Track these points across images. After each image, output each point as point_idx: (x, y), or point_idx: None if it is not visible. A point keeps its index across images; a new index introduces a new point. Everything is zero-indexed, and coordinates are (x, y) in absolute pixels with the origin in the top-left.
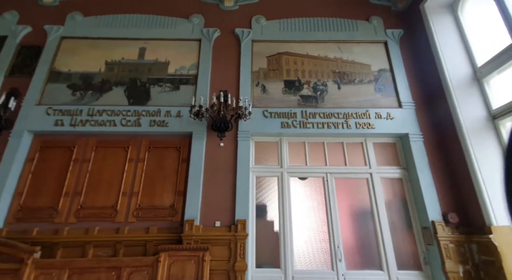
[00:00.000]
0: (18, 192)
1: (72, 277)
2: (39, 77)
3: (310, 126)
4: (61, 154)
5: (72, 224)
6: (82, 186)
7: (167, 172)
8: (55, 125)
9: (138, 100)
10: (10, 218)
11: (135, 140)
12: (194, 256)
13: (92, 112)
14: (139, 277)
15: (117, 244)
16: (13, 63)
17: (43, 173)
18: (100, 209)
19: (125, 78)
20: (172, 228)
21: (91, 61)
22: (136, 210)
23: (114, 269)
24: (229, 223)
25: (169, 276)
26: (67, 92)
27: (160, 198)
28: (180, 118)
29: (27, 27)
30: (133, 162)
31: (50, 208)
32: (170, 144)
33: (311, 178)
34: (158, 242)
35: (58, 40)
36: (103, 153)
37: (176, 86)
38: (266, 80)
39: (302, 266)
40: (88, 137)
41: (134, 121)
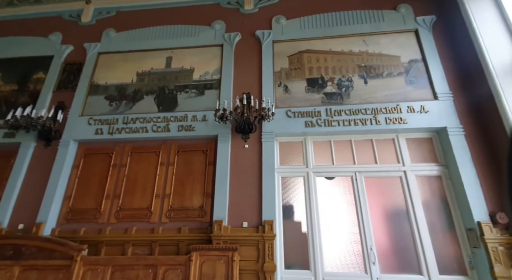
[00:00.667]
0: (67, 196)
1: (114, 273)
2: (81, 91)
3: (336, 124)
4: (101, 160)
5: (113, 224)
6: (120, 189)
7: (195, 174)
8: (96, 134)
9: (167, 107)
10: (62, 219)
11: (165, 144)
12: (224, 255)
13: (127, 121)
14: (173, 275)
15: (152, 243)
16: (59, 80)
17: (87, 178)
18: (136, 210)
19: (154, 87)
20: (202, 228)
21: (124, 73)
22: (168, 211)
23: (151, 267)
24: (256, 224)
25: (201, 275)
26: (105, 103)
27: (190, 199)
28: (205, 122)
29: (70, 46)
30: (164, 166)
31: (94, 209)
32: (197, 147)
33: (338, 178)
34: (189, 241)
35: (96, 56)
36: (137, 158)
37: (201, 91)
38: (288, 80)
39: (333, 268)
40: (124, 143)
41: (163, 127)
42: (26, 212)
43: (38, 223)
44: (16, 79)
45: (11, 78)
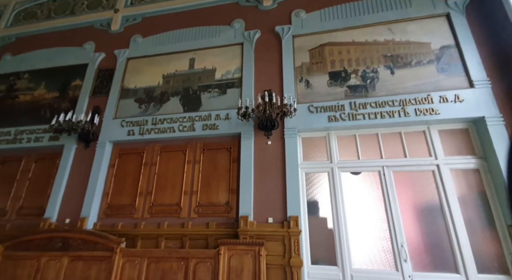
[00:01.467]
0: (106, 192)
1: (150, 265)
2: (113, 95)
3: (361, 117)
4: (134, 159)
5: (147, 219)
6: (152, 186)
7: (221, 172)
8: (128, 135)
9: (192, 107)
10: (102, 214)
11: (191, 143)
12: (251, 250)
13: (155, 122)
14: (203, 267)
15: (183, 237)
16: (94, 86)
17: (122, 176)
18: (167, 206)
19: (179, 88)
20: (229, 223)
21: (151, 77)
22: (196, 206)
23: (182, 259)
24: (281, 220)
25: (230, 268)
26: (135, 105)
27: (216, 195)
28: (228, 120)
29: (102, 54)
30: (190, 164)
31: (129, 205)
32: (221, 145)
33: (365, 173)
34: (217, 236)
35: (125, 62)
36: (166, 157)
37: (223, 90)
38: (310, 75)
39: (361, 265)
40: (154, 143)
41: (189, 126)
42: (71, 207)
43: (82, 217)
44: (57, 87)
45: (53, 86)
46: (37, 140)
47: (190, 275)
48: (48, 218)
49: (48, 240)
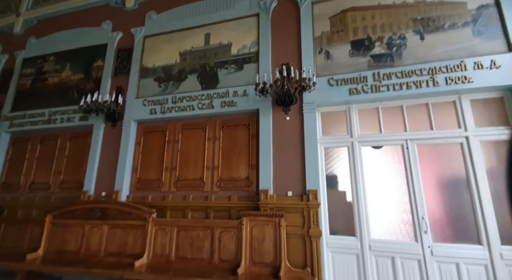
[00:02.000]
0: (135, 168)
1: (180, 233)
2: (134, 74)
3: (385, 89)
4: (157, 137)
5: (173, 192)
6: (176, 162)
7: (240, 148)
8: (150, 114)
9: (209, 84)
10: (133, 187)
11: (210, 120)
12: (271, 221)
13: (175, 100)
14: (227, 236)
15: (207, 209)
16: (115, 66)
17: (148, 153)
18: (191, 181)
19: (196, 66)
20: (249, 197)
21: (169, 54)
22: (218, 181)
23: (208, 229)
24: (300, 193)
25: (252, 237)
26: (155, 85)
27: (237, 170)
28: (246, 97)
29: (119, 33)
30: (211, 140)
31: (157, 180)
32: (240, 122)
33: (387, 146)
34: (239, 208)
35: (142, 40)
36: (187, 134)
37: (240, 66)
38: (330, 45)
39: (380, 235)
40: (175, 121)
41: (207, 104)
42: (105, 181)
43: (116, 190)
44: (81, 69)
45: (77, 68)
46: (69, 120)
47: (216, 242)
48: (87, 191)
49: (89, 210)
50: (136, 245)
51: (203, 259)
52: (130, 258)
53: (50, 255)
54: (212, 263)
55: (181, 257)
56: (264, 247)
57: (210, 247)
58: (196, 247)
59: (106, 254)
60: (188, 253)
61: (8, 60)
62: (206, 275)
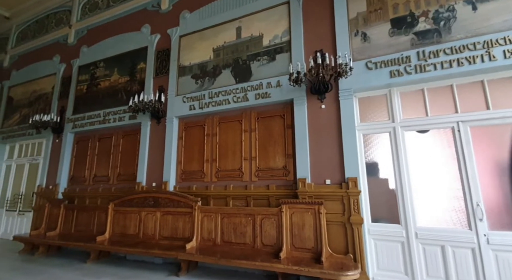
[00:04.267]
0: (179, 161)
1: (223, 219)
2: (173, 73)
3: (431, 68)
4: (197, 131)
5: (215, 182)
6: (215, 154)
7: (276, 138)
8: (190, 110)
9: (243, 77)
10: (178, 178)
11: (245, 113)
12: (311, 208)
13: (212, 95)
14: (268, 222)
15: (247, 197)
16: (155, 67)
17: (190, 146)
18: (230, 171)
19: (229, 60)
20: (287, 186)
21: (203, 52)
22: (256, 171)
23: (250, 215)
24: (339, 181)
25: (292, 223)
26: (192, 82)
27: (274, 160)
28: (280, 87)
29: (157, 35)
30: (247, 132)
31: (199, 171)
32: (274, 113)
33: (434, 130)
34: (277, 196)
35: (178, 40)
36: (224, 127)
37: (272, 57)
38: (367, 26)
39: (427, 223)
40: (212, 115)
41: (242, 97)
42: (155, 173)
43: (165, 181)
44: (127, 72)
45: (124, 71)
46: (120, 120)
47: (257, 228)
48: (140, 182)
49: (144, 199)
50: (185, 229)
51: (247, 244)
52: (181, 241)
53: (115, 237)
54: (255, 247)
55: (226, 241)
56: (304, 233)
57: (252, 232)
58: (239, 232)
59: (161, 237)
60: (232, 237)
61: (66, 68)
62: (251, 258)
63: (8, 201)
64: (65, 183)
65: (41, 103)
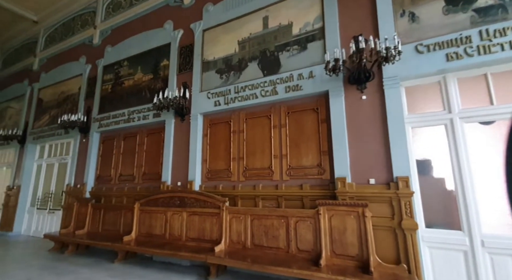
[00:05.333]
0: (204, 159)
1: (253, 221)
2: (196, 69)
3: (498, 49)
4: (223, 128)
5: (242, 181)
6: (242, 152)
7: (309, 134)
8: (215, 106)
9: (271, 70)
10: (204, 177)
11: (274, 107)
12: (353, 211)
13: (238, 90)
14: (303, 225)
15: (278, 198)
16: (179, 63)
17: (215, 144)
18: (259, 170)
19: (256, 52)
20: (323, 185)
21: (227, 45)
22: (287, 169)
23: (282, 218)
24: (386, 180)
25: (331, 227)
26: (216, 77)
27: (306, 158)
28: (313, 78)
29: (180, 30)
30: (276, 128)
31: (225, 170)
32: (306, 107)
33: (500, 121)
34: (312, 197)
35: (202, 34)
36: (252, 123)
37: (303, 46)
38: (415, 5)
39: (496, 230)
40: (238, 111)
41: (271, 90)
42: (179, 172)
43: (190, 181)
44: (151, 69)
45: (147, 69)
46: (144, 118)
47: (292, 232)
48: (165, 182)
49: (169, 199)
50: (213, 231)
51: (280, 248)
52: (208, 243)
53: (141, 237)
54: (289, 252)
55: (257, 245)
56: (346, 238)
57: (286, 236)
58: (271, 235)
59: (188, 238)
60: (263, 241)
61: (91, 69)
62: (286, 264)
63: (39, 200)
64: (92, 182)
65: (69, 104)
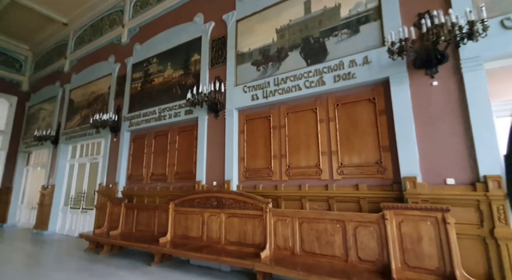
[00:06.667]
0: (241, 157)
1: (302, 224)
2: (230, 62)
3: None
4: (261, 123)
5: (285, 181)
6: (284, 148)
7: (364, 127)
8: (252, 100)
9: (316, 58)
10: (241, 177)
11: (320, 99)
12: (429, 216)
13: (278, 82)
14: (365, 231)
15: (329, 199)
16: (211, 57)
17: (253, 141)
18: (305, 168)
19: (297, 40)
20: (384, 186)
21: (264, 35)
22: (339, 167)
23: (338, 222)
24: (469, 180)
25: (401, 234)
26: (253, 69)
27: (361, 155)
28: (368, 65)
29: (211, 22)
30: (324, 122)
31: (266, 168)
32: (360, 97)
33: None
34: (371, 199)
35: (235, 25)
36: (294, 118)
37: (354, 29)
38: None
39: None
40: (279, 105)
41: (317, 81)
42: (215, 172)
43: (227, 180)
44: (181, 65)
45: (177, 65)
46: (176, 115)
47: (350, 238)
48: (200, 181)
49: (206, 199)
50: (255, 235)
51: (336, 256)
52: (250, 247)
53: (177, 239)
54: (348, 261)
55: (308, 252)
56: (421, 248)
57: (342, 243)
58: (325, 241)
59: (227, 242)
60: (315, 247)
61: (120, 68)
62: (345, 276)
63: (72, 199)
64: (123, 182)
65: (99, 104)
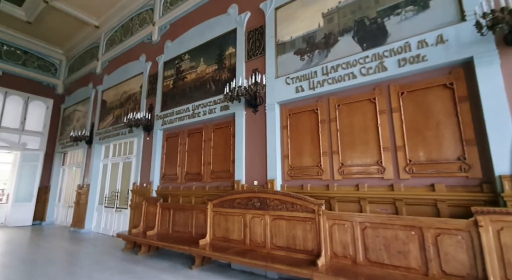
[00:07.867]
0: (285, 155)
1: (366, 230)
2: (270, 53)
3: None
4: (307, 117)
5: (338, 180)
6: (336, 144)
7: (439, 117)
8: (297, 93)
9: (373, 41)
10: (286, 176)
11: (379, 88)
12: None
13: (327, 71)
14: (450, 241)
15: (396, 202)
16: (247, 49)
17: (297, 137)
18: (362, 166)
19: (349, 23)
20: (469, 186)
21: (308, 21)
22: (407, 165)
23: (412, 228)
24: None
25: (501, 245)
26: (296, 59)
27: (436, 150)
28: (443, 44)
29: (247, 13)
30: (385, 114)
31: (314, 166)
32: (432, 83)
33: None
34: (452, 202)
35: (274, 13)
36: (346, 110)
37: (422, 5)
38: None
39: None
40: (327, 97)
41: (376, 67)
42: (255, 170)
43: (270, 179)
44: (214, 60)
45: (210, 60)
46: (210, 112)
47: (430, 248)
48: (239, 181)
49: (247, 200)
50: (307, 240)
51: (411, 268)
52: (301, 253)
53: (216, 241)
54: (429, 275)
55: (374, 262)
56: None
57: (420, 253)
58: (395, 250)
59: (274, 246)
60: (384, 257)
61: (152, 66)
62: None
63: (106, 198)
64: (157, 181)
65: (131, 103)
